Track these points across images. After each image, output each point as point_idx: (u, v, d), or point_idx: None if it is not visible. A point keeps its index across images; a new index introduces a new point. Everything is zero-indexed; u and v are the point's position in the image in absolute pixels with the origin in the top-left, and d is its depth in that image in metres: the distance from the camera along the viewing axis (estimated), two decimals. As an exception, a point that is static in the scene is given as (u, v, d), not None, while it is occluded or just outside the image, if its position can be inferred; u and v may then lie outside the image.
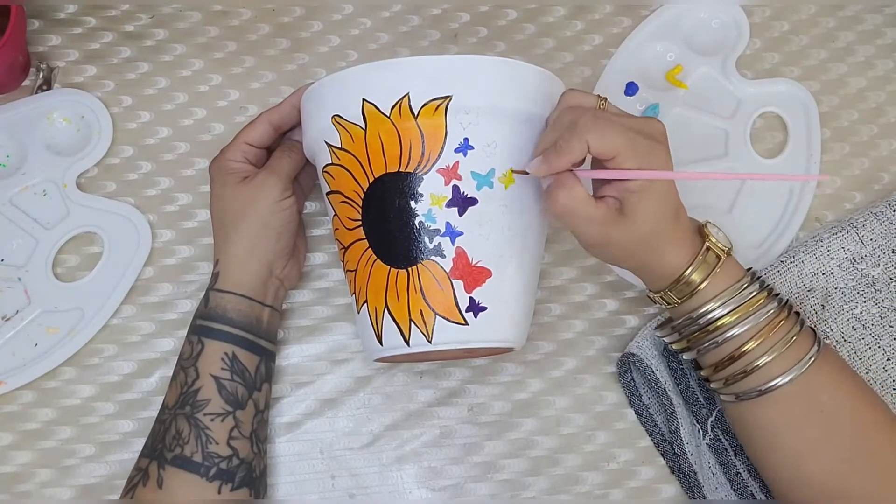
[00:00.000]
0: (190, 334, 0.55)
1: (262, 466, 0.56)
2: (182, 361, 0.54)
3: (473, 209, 0.49)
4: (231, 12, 0.68)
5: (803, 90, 0.67)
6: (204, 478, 0.51)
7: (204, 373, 0.53)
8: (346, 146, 0.50)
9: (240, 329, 0.54)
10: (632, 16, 0.68)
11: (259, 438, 0.55)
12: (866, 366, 0.59)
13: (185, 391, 0.53)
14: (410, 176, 0.48)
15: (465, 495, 0.60)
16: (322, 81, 0.51)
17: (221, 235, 0.56)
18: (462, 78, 0.48)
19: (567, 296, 0.63)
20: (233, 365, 0.53)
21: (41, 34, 0.66)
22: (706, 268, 0.50)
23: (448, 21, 0.69)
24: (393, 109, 0.48)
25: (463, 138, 0.48)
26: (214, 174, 0.57)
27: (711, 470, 0.59)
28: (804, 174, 0.66)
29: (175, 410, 0.52)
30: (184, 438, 0.51)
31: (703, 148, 0.66)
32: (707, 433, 0.59)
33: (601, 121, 0.46)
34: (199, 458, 0.51)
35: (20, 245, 0.62)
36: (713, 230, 0.51)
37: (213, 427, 0.52)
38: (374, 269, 0.50)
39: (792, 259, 0.61)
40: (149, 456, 0.52)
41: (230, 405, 0.53)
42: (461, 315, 0.48)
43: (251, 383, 0.54)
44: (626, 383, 0.61)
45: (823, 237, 0.61)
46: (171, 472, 0.51)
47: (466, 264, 0.48)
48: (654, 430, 0.61)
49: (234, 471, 0.52)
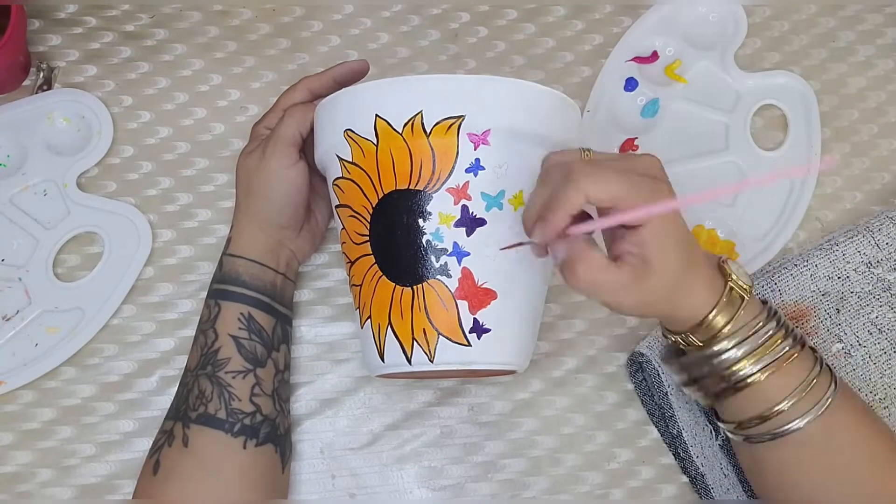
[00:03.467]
0: (207, 298, 0.55)
1: (287, 425, 0.56)
2: (201, 325, 0.55)
3: (482, 230, 0.48)
4: (231, 12, 0.68)
5: (801, 82, 0.67)
6: (229, 433, 0.51)
7: (222, 333, 0.53)
8: (356, 161, 0.50)
9: (254, 291, 0.54)
10: (632, 15, 0.68)
11: (281, 398, 0.56)
12: (881, 370, 0.59)
13: (206, 352, 0.53)
14: (420, 194, 0.48)
15: (466, 495, 0.60)
16: (336, 95, 0.51)
17: (237, 202, 0.56)
18: (475, 98, 0.48)
19: (567, 296, 0.63)
20: (249, 325, 0.54)
21: (41, 34, 0.66)
22: (730, 310, 0.47)
23: (448, 21, 0.69)
24: (405, 127, 0.48)
25: (474, 159, 0.48)
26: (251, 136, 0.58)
27: (723, 471, 0.58)
28: (805, 165, 0.65)
29: (197, 372, 0.53)
30: (207, 397, 0.52)
31: (704, 142, 0.66)
32: (719, 434, 0.58)
33: (595, 166, 0.43)
34: (223, 414, 0.52)
35: (21, 245, 0.62)
36: (734, 268, 0.48)
37: (234, 384, 0.52)
38: (380, 286, 0.50)
39: (805, 262, 0.60)
40: (173, 418, 0.53)
41: (250, 363, 0.53)
42: (464, 336, 0.48)
43: (269, 343, 0.55)
44: (637, 383, 0.61)
45: (839, 241, 0.61)
46: (196, 431, 0.51)
47: (472, 285, 0.48)
48: (664, 430, 0.60)
49: (258, 426, 0.53)
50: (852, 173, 0.67)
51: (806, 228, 0.65)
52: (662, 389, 0.58)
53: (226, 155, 0.65)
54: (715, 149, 0.66)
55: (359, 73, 0.58)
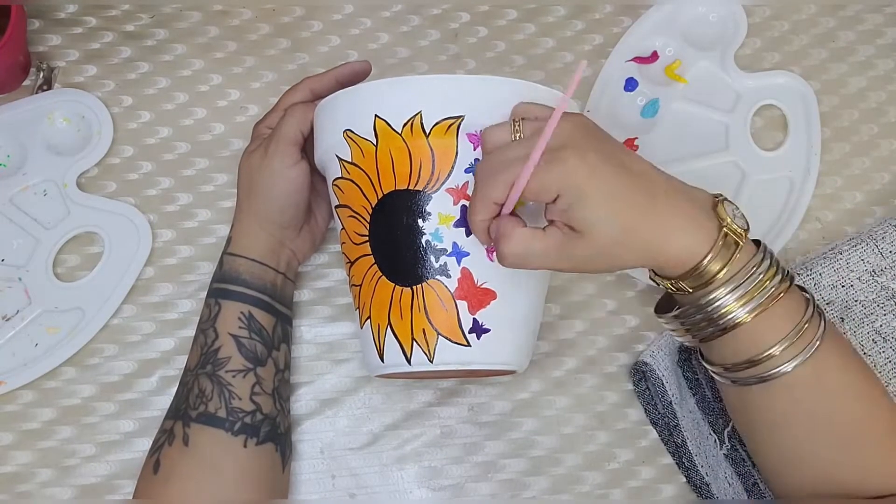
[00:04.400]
0: (207, 297, 0.55)
1: (287, 424, 0.56)
2: (201, 324, 0.55)
3: None
4: (231, 12, 0.68)
5: (801, 82, 0.67)
6: (229, 432, 0.51)
7: (222, 332, 0.53)
8: (356, 161, 0.50)
9: (254, 290, 0.54)
10: (632, 15, 0.68)
11: (282, 396, 0.56)
12: (886, 379, 0.59)
13: (206, 351, 0.53)
14: (419, 194, 0.48)
15: (466, 495, 0.60)
16: (335, 95, 0.51)
17: (238, 201, 0.57)
18: (475, 98, 0.48)
19: (567, 296, 0.63)
20: (250, 324, 0.54)
21: (41, 34, 0.66)
22: (725, 255, 0.45)
23: (448, 21, 0.69)
24: (405, 127, 0.48)
25: (473, 159, 0.48)
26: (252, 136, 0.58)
27: (728, 480, 0.58)
28: (805, 164, 0.65)
29: (197, 371, 0.53)
30: (207, 396, 0.52)
31: (704, 142, 0.66)
32: (724, 443, 0.58)
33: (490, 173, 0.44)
34: (223, 413, 0.52)
35: (21, 245, 0.62)
36: (729, 210, 0.46)
37: (234, 383, 0.52)
38: (379, 286, 0.50)
39: (809, 272, 0.60)
40: (173, 417, 0.53)
41: (250, 362, 0.53)
42: (464, 336, 0.48)
43: (269, 342, 0.55)
44: (641, 392, 0.61)
45: (843, 249, 0.60)
46: (196, 429, 0.51)
47: (471, 285, 0.48)
48: (667, 439, 0.60)
49: (258, 425, 0.53)
50: (852, 173, 0.67)
51: (806, 228, 0.65)
52: (666, 399, 0.59)
53: (226, 155, 0.65)
54: (715, 149, 0.66)
55: (361, 73, 0.58)
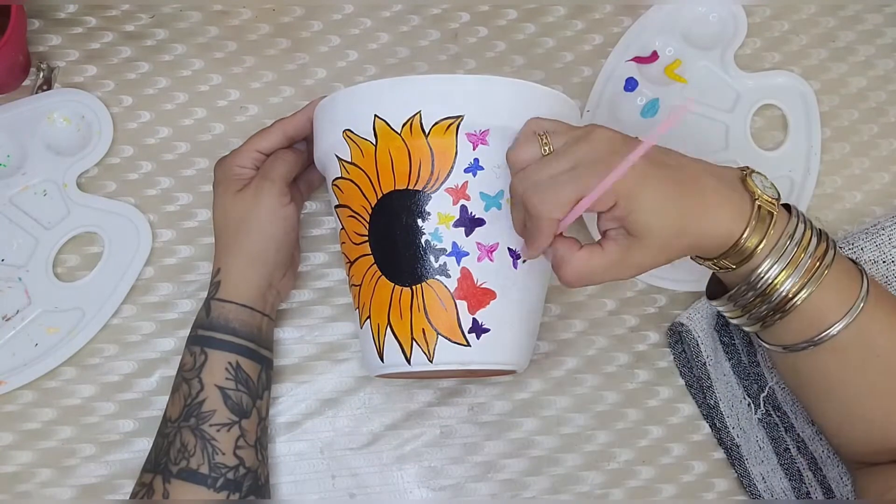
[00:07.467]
0: (190, 345, 0.54)
1: (266, 474, 0.56)
2: (184, 373, 0.53)
3: (480, 230, 0.48)
4: (231, 12, 0.68)
5: (801, 82, 0.67)
6: (211, 489, 0.50)
7: (208, 383, 0.52)
8: (356, 161, 0.50)
9: (242, 338, 0.53)
10: (632, 15, 0.68)
11: (262, 446, 0.55)
12: None
13: (189, 403, 0.52)
14: (419, 194, 0.48)
15: (466, 495, 0.60)
16: (335, 95, 0.51)
17: (223, 243, 0.55)
18: (474, 98, 0.48)
19: (567, 295, 0.63)
20: (237, 374, 0.53)
21: (41, 34, 0.66)
22: (761, 229, 0.46)
23: (448, 21, 0.69)
24: (404, 127, 0.48)
25: (473, 159, 0.48)
26: (220, 177, 0.56)
27: (759, 444, 0.60)
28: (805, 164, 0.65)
29: (179, 423, 0.52)
30: (189, 451, 0.51)
31: (704, 142, 0.66)
32: (759, 408, 0.59)
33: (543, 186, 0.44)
34: (205, 469, 0.51)
35: (20, 245, 0.62)
36: (759, 182, 0.47)
37: (219, 438, 0.51)
38: (379, 286, 0.50)
39: (851, 245, 0.60)
40: (152, 470, 0.52)
41: (236, 415, 0.52)
42: (464, 336, 0.48)
43: (255, 392, 0.54)
44: (677, 354, 0.62)
45: (885, 225, 0.61)
46: (177, 485, 0.50)
47: (471, 285, 0.48)
48: (701, 401, 0.61)
49: (241, 480, 0.52)
50: (852, 173, 0.67)
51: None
52: (701, 360, 0.59)
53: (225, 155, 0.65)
54: (715, 148, 0.66)
55: None
